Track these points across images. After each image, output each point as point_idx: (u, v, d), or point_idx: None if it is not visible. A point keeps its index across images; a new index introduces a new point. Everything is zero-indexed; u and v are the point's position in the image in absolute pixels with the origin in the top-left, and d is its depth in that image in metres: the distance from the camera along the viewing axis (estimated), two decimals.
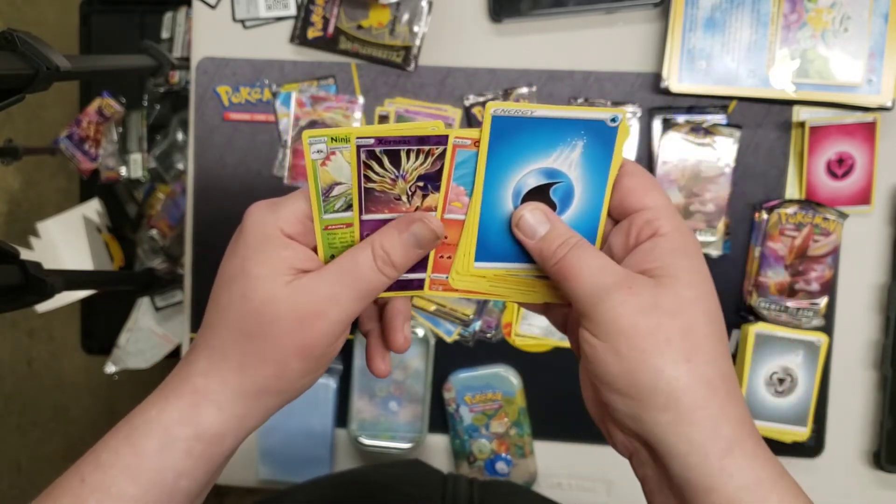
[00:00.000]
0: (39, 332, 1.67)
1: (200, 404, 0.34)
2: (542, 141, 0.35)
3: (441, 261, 0.38)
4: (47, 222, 1.18)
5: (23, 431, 1.68)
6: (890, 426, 0.70)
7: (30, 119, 1.62)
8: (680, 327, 0.30)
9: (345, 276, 0.34)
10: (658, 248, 0.32)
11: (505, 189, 0.36)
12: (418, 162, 0.35)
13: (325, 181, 0.36)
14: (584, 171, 0.35)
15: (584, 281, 0.32)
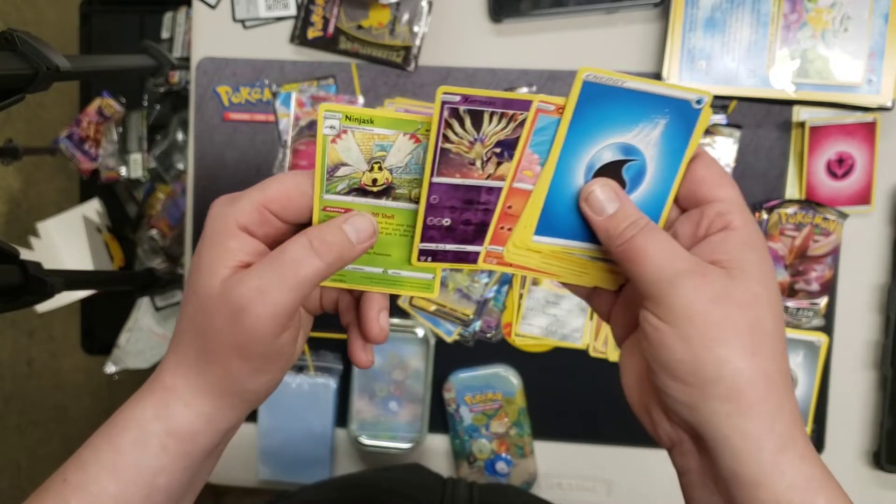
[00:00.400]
0: (39, 332, 1.67)
1: (169, 401, 0.34)
2: (626, 114, 0.34)
3: (500, 232, 0.37)
4: (47, 222, 1.18)
5: (23, 431, 1.68)
6: (890, 426, 0.70)
7: (30, 119, 1.62)
8: (749, 320, 0.30)
9: (274, 267, 0.33)
10: (729, 241, 0.32)
11: (579, 161, 0.35)
12: (500, 126, 0.35)
13: (332, 159, 0.36)
14: (661, 151, 0.34)
15: (653, 263, 0.32)
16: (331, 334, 0.74)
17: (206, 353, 0.34)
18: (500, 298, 0.72)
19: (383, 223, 0.37)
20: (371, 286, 0.38)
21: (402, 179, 0.36)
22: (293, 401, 0.73)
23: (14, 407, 1.68)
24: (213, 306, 0.33)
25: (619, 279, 0.37)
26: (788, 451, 0.29)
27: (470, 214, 0.37)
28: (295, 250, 0.33)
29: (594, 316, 0.71)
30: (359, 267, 0.38)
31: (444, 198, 0.36)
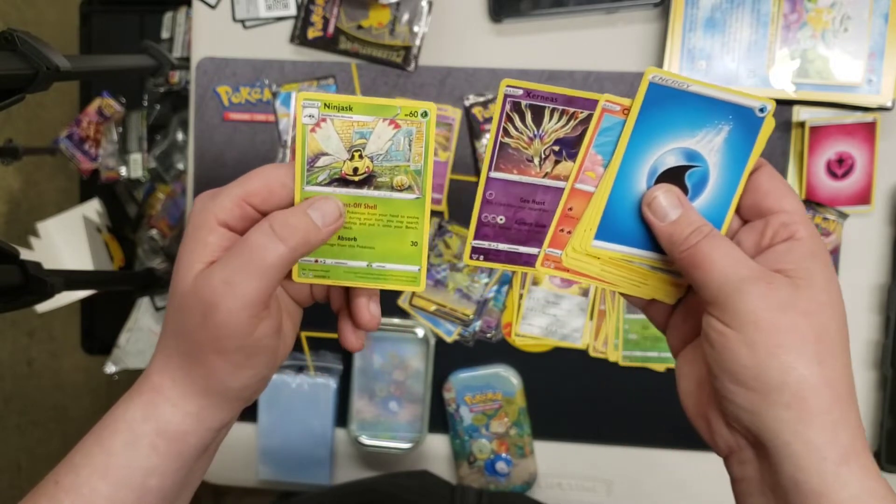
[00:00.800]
0: (39, 332, 1.67)
1: (157, 401, 0.34)
2: (690, 118, 0.34)
3: (559, 235, 0.36)
4: (47, 222, 1.18)
5: (23, 431, 1.68)
6: (890, 426, 0.70)
7: (30, 119, 1.62)
8: (815, 329, 0.30)
9: (239, 256, 0.32)
10: (794, 251, 0.32)
11: (642, 165, 0.34)
12: (560, 123, 0.34)
13: (312, 149, 0.35)
14: (723, 158, 0.34)
15: (719, 270, 0.32)
16: (331, 334, 0.74)
17: (187, 352, 0.33)
18: (500, 298, 0.72)
19: (366, 214, 0.36)
20: (356, 281, 0.37)
21: (384, 167, 0.36)
22: (293, 401, 0.73)
23: (14, 407, 1.68)
24: (187, 304, 0.33)
25: (678, 292, 0.37)
26: (851, 463, 0.29)
27: (525, 214, 0.36)
28: (257, 237, 0.32)
29: (594, 316, 0.71)
30: (342, 262, 0.37)
31: (500, 194, 0.36)
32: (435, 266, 0.72)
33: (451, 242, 0.72)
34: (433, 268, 0.72)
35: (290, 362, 0.74)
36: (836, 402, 0.30)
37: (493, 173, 0.35)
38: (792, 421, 0.29)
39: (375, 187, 0.36)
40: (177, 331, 0.34)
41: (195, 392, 0.34)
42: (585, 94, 0.33)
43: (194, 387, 0.34)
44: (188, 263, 0.33)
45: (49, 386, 1.68)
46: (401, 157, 0.36)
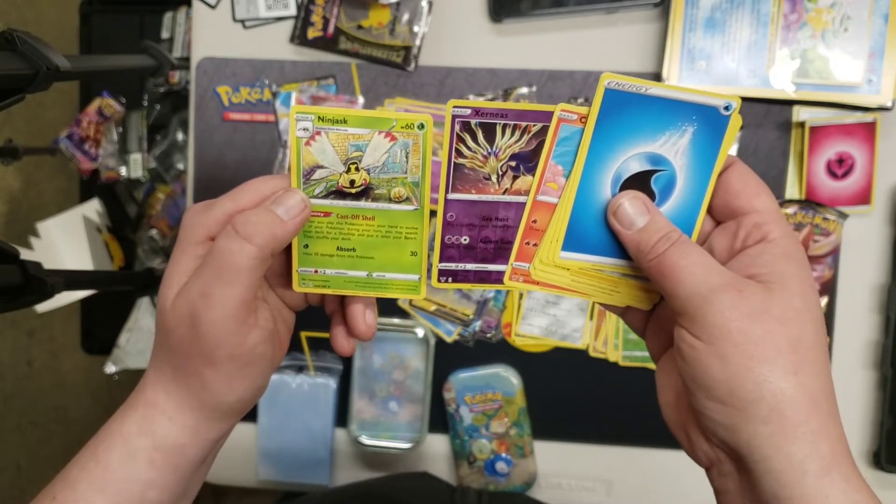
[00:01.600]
0: (39, 332, 1.67)
1: (153, 416, 0.33)
2: (651, 122, 0.33)
3: (525, 248, 0.36)
4: (47, 222, 1.18)
5: (23, 431, 1.68)
6: (890, 426, 0.70)
7: (30, 119, 1.62)
8: (789, 337, 0.29)
9: (209, 266, 0.31)
10: (767, 253, 0.31)
11: (605, 172, 0.33)
12: (514, 139, 0.34)
13: (307, 162, 0.35)
14: (690, 160, 0.33)
15: (688, 279, 0.30)
16: None
17: (178, 367, 0.33)
18: (500, 298, 0.72)
19: (364, 225, 0.36)
20: (356, 290, 0.37)
21: (381, 179, 0.35)
22: (293, 401, 0.73)
23: (14, 407, 1.68)
24: (171, 321, 0.32)
25: (653, 297, 0.36)
26: (833, 474, 0.28)
27: (489, 232, 0.36)
28: (224, 243, 0.31)
29: (594, 316, 0.71)
30: (342, 271, 0.37)
31: (461, 215, 0.35)
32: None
33: None
34: (433, 268, 0.72)
35: (290, 362, 0.74)
36: (814, 413, 0.29)
37: (451, 195, 0.35)
38: (770, 435, 0.28)
39: (373, 199, 0.36)
40: (165, 346, 0.33)
41: (191, 406, 0.33)
42: (536, 107, 0.33)
43: (189, 400, 0.33)
44: (174, 279, 0.33)
45: (49, 386, 1.68)
46: (398, 169, 0.35)
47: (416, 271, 0.37)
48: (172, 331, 0.32)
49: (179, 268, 0.33)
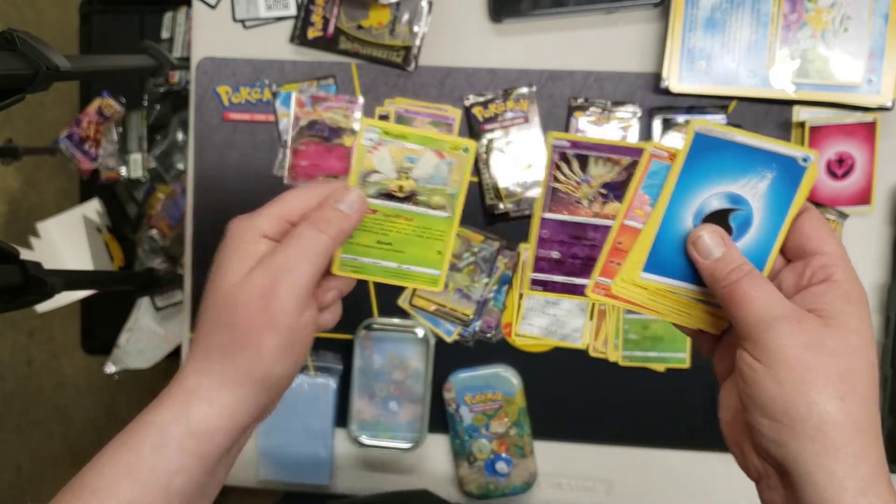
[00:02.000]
0: (39, 332, 1.67)
1: (191, 402, 0.36)
2: (734, 166, 0.37)
3: (609, 265, 0.40)
4: (47, 222, 1.18)
5: (23, 431, 1.68)
6: (890, 426, 0.70)
7: (30, 119, 1.62)
8: (840, 368, 0.32)
9: (291, 247, 0.37)
10: (830, 292, 0.34)
11: (688, 206, 0.38)
12: (605, 169, 0.39)
13: (366, 166, 0.42)
14: (767, 203, 0.37)
15: (754, 307, 0.34)
16: (331, 334, 0.74)
17: (234, 341, 0.36)
18: (500, 298, 0.72)
19: (402, 224, 0.43)
20: (386, 278, 0.43)
21: (425, 188, 0.42)
22: (293, 401, 0.73)
23: (14, 407, 1.68)
24: (242, 294, 0.36)
25: (722, 323, 0.39)
26: (870, 494, 0.31)
27: (577, 249, 0.40)
28: (305, 230, 0.38)
29: (594, 315, 0.71)
30: (377, 261, 0.43)
31: (554, 233, 0.40)
32: None
33: None
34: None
35: None
36: (857, 437, 0.32)
37: (547, 214, 0.40)
38: (815, 453, 0.31)
39: (415, 203, 0.42)
40: (224, 323, 0.37)
41: (234, 382, 0.36)
42: (628, 144, 0.38)
43: (235, 376, 0.36)
44: (235, 266, 0.37)
45: (49, 386, 1.68)
46: (440, 182, 0.42)
47: (438, 267, 0.44)
48: (243, 301, 0.36)
49: (235, 258, 0.37)
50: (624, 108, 0.70)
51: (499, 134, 0.71)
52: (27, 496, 1.70)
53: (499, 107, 0.71)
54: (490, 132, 0.71)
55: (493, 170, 0.71)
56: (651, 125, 0.70)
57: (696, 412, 0.70)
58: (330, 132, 0.73)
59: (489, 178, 0.71)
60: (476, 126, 0.71)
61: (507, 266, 0.71)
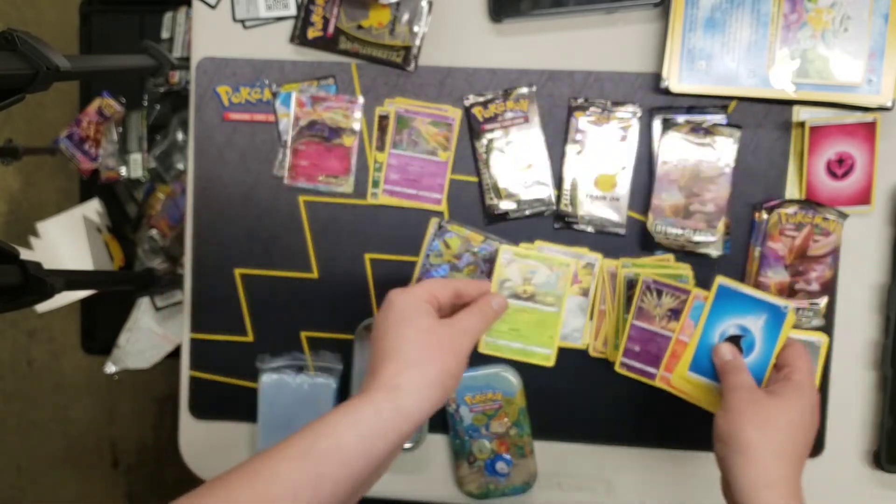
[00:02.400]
0: (39, 332, 1.67)
1: (397, 391, 0.50)
2: (742, 307, 0.60)
3: (670, 363, 0.64)
4: (47, 222, 1.18)
5: (23, 431, 1.68)
6: (890, 426, 0.70)
7: (30, 119, 1.62)
8: (765, 415, 0.54)
9: (475, 316, 0.58)
10: (783, 382, 0.57)
11: (716, 329, 0.61)
12: (670, 299, 0.64)
13: (501, 276, 0.66)
14: (764, 333, 0.60)
15: (732, 384, 0.58)
16: (331, 334, 0.74)
17: (429, 357, 0.52)
18: None
19: (526, 316, 0.66)
20: (514, 355, 0.68)
21: (541, 291, 0.66)
22: (293, 401, 0.73)
23: (14, 407, 1.68)
24: (440, 332, 0.54)
25: None
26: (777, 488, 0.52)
27: (651, 347, 0.65)
28: (482, 307, 0.60)
29: (594, 316, 0.71)
30: (509, 343, 0.68)
31: (637, 335, 0.66)
32: (435, 266, 0.72)
33: (451, 242, 0.72)
34: (433, 268, 0.72)
35: (290, 362, 0.74)
36: (771, 457, 0.53)
37: (635, 321, 0.66)
38: (741, 463, 0.54)
39: (534, 302, 0.66)
40: (423, 345, 0.53)
41: (426, 384, 0.51)
42: (682, 286, 0.64)
43: (426, 382, 0.51)
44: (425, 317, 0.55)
45: (49, 386, 1.68)
46: (551, 287, 0.66)
47: (551, 347, 0.68)
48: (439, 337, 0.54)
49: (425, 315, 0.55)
50: (624, 108, 0.70)
51: (499, 134, 0.71)
52: (27, 496, 1.71)
53: (499, 107, 0.71)
54: (490, 132, 0.71)
55: (493, 170, 0.71)
56: (651, 125, 0.70)
57: (696, 412, 0.70)
58: (330, 132, 0.73)
59: (489, 178, 0.71)
60: (476, 126, 0.71)
61: None
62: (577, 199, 0.71)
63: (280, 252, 0.74)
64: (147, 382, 1.59)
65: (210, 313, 0.75)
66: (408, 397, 0.50)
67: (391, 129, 0.72)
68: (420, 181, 0.72)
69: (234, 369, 0.75)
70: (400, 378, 0.51)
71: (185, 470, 0.76)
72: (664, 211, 0.69)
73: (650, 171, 0.70)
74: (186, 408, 0.76)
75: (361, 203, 0.73)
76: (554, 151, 0.71)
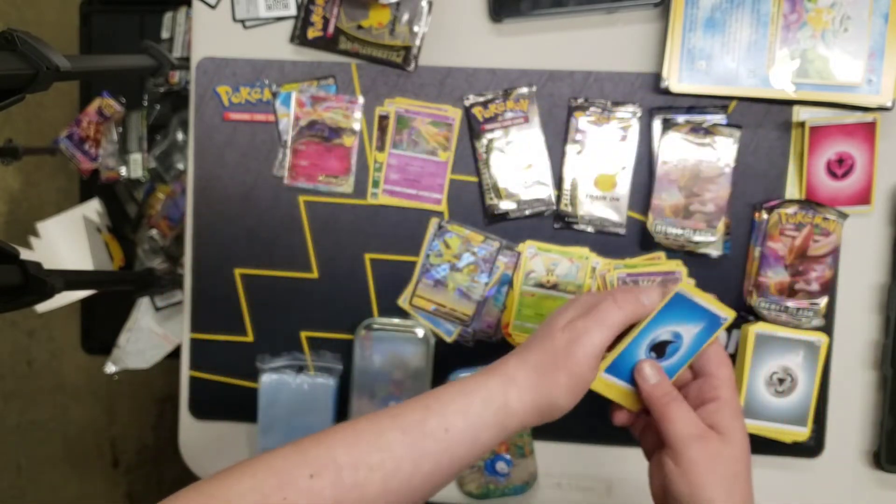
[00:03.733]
0: (39, 332, 1.67)
1: (510, 386, 0.49)
2: (687, 315, 0.52)
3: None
4: (47, 222, 1.18)
5: (23, 431, 1.68)
6: (890, 426, 0.70)
7: (30, 119, 1.62)
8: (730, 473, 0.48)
9: (593, 316, 0.50)
10: (720, 411, 0.49)
11: (649, 336, 0.52)
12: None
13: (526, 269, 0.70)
14: (693, 339, 0.52)
15: (677, 427, 0.48)
16: (331, 334, 0.74)
17: (544, 365, 0.49)
18: (500, 298, 0.72)
19: (549, 303, 0.70)
20: None
21: (563, 282, 0.70)
22: (293, 400, 0.73)
23: (14, 407, 1.68)
24: (559, 338, 0.50)
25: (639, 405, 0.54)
26: None
27: None
28: (605, 306, 0.50)
29: None
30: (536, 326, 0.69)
31: None
32: (435, 266, 0.72)
33: (451, 242, 0.72)
34: (433, 268, 0.72)
35: (290, 362, 0.74)
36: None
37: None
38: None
39: (557, 290, 0.70)
40: (545, 350, 0.50)
41: (534, 395, 0.49)
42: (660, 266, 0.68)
43: (534, 392, 0.49)
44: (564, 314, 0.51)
45: (49, 386, 1.68)
46: (572, 277, 0.70)
47: None
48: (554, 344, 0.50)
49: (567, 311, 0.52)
50: (624, 108, 0.70)
51: (499, 134, 0.71)
52: (27, 496, 1.70)
53: (499, 107, 0.71)
54: (490, 132, 0.71)
55: (493, 169, 0.71)
56: (651, 125, 0.70)
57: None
58: (330, 132, 0.73)
59: (489, 178, 0.71)
60: (476, 126, 0.71)
61: (506, 266, 0.71)
62: (577, 199, 0.71)
63: (280, 252, 0.74)
64: (147, 382, 1.59)
65: (210, 313, 0.75)
66: (518, 392, 0.49)
67: (391, 129, 0.72)
68: (420, 181, 0.72)
69: (234, 369, 0.75)
70: (517, 371, 0.50)
71: (185, 470, 0.76)
72: (664, 211, 0.69)
73: (650, 171, 0.70)
74: (186, 408, 0.76)
75: (361, 203, 0.73)
76: (554, 151, 0.71)
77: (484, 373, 0.50)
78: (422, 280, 0.72)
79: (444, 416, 0.47)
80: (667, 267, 0.69)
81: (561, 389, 0.48)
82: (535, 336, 0.52)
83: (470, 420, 0.47)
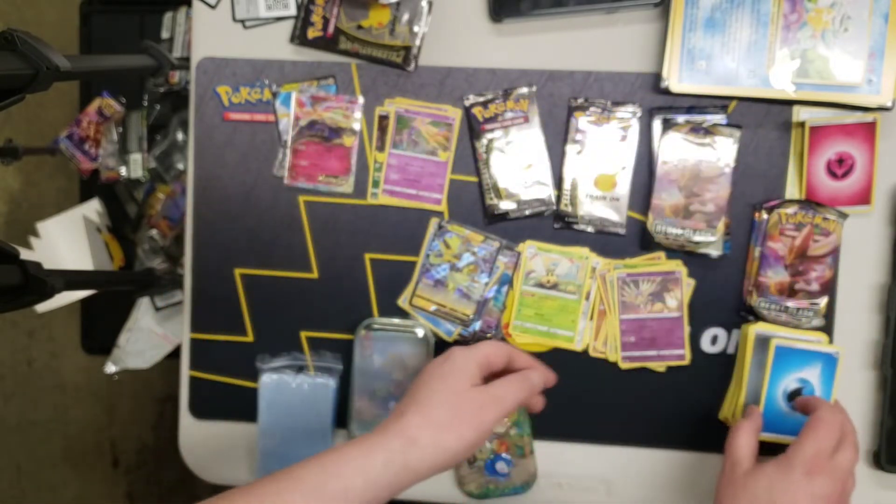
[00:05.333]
0: (39, 332, 1.67)
1: (411, 448, 0.52)
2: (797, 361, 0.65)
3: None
4: (47, 222, 1.18)
5: (23, 431, 1.68)
6: (890, 426, 0.70)
7: (30, 119, 1.62)
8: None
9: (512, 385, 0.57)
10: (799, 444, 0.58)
11: (776, 390, 0.65)
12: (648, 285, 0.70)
13: (526, 268, 0.70)
14: (819, 378, 0.65)
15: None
16: (331, 334, 0.74)
17: (451, 422, 0.53)
18: (500, 298, 0.72)
19: (550, 302, 0.70)
20: (539, 337, 0.70)
21: (563, 281, 0.70)
22: (293, 401, 0.73)
23: (14, 407, 1.68)
24: (471, 398, 0.55)
25: None
26: None
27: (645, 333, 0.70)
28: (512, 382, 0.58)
29: (594, 316, 0.71)
30: (535, 325, 0.70)
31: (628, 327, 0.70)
32: (435, 266, 0.72)
33: (451, 242, 0.72)
34: (433, 268, 0.72)
35: (290, 362, 0.74)
36: None
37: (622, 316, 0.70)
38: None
39: (557, 290, 0.70)
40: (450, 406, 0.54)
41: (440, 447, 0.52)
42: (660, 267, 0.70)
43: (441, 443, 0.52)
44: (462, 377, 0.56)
45: (49, 386, 1.68)
46: (572, 277, 0.70)
47: (572, 330, 0.70)
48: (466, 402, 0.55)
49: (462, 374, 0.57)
50: (624, 108, 0.70)
51: (499, 134, 0.71)
52: (27, 496, 1.70)
53: (499, 107, 0.71)
54: (490, 132, 0.71)
55: (493, 169, 0.71)
56: (651, 125, 0.70)
57: (696, 412, 0.70)
58: (330, 132, 0.73)
59: (489, 178, 0.71)
60: (476, 126, 0.71)
61: (506, 266, 0.71)
62: (577, 199, 0.71)
63: (280, 252, 0.74)
64: (147, 382, 1.59)
65: (210, 313, 0.75)
66: (420, 453, 0.51)
67: (391, 129, 0.72)
68: (420, 181, 0.72)
69: (234, 369, 0.75)
70: (420, 433, 0.52)
71: (184, 470, 0.76)
72: (664, 211, 0.69)
73: (650, 171, 0.70)
74: (186, 408, 0.76)
75: (361, 203, 0.73)
76: (554, 151, 0.71)
77: (385, 432, 0.53)
78: (422, 280, 0.72)
79: (343, 477, 0.49)
80: (667, 267, 0.70)
81: (465, 443, 0.53)
82: (437, 387, 0.55)
83: (368, 480, 0.50)
